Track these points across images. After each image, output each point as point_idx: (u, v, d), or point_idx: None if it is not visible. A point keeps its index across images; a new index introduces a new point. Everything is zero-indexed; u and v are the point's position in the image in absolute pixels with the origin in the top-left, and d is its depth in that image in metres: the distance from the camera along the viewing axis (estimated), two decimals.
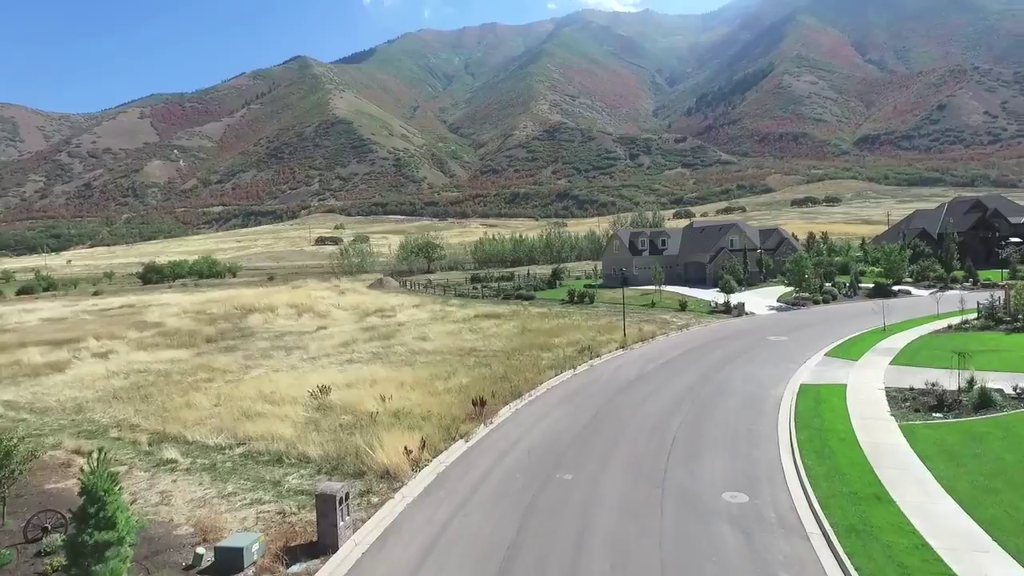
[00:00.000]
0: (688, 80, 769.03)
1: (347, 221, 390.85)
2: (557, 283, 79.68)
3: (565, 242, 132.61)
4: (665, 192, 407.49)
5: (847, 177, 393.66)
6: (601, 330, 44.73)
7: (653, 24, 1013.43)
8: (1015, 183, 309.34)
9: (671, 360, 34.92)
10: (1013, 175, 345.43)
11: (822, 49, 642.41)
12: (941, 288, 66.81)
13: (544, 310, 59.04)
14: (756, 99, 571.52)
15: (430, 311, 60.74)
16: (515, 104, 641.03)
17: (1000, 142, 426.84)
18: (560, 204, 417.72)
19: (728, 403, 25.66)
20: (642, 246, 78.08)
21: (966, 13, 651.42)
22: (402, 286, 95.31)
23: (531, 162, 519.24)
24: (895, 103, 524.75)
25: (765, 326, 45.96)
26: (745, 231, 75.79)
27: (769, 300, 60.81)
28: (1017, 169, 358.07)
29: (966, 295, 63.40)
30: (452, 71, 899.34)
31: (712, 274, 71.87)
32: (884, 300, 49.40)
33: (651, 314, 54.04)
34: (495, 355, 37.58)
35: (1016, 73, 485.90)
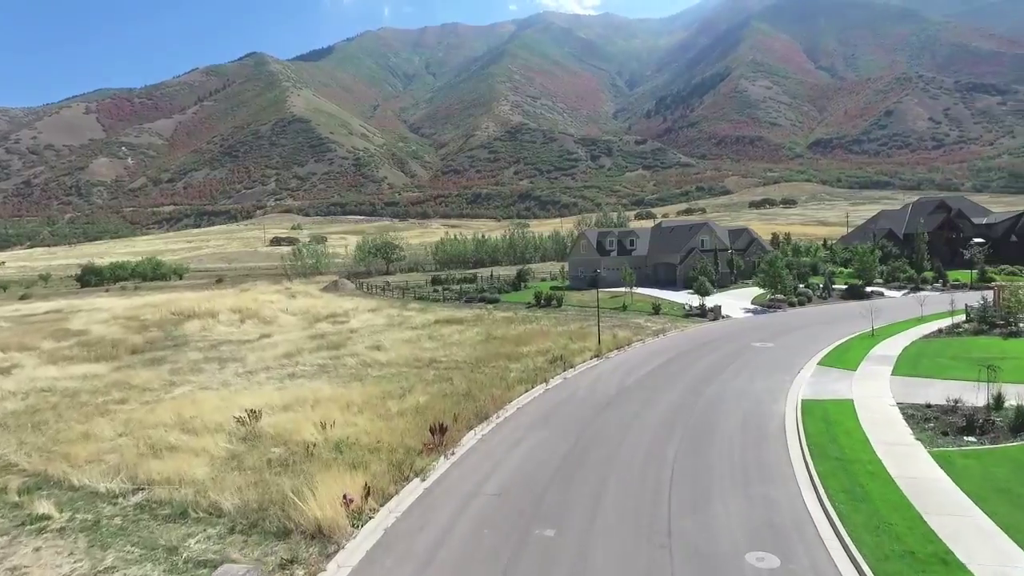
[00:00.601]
0: (647, 83, 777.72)
1: (305, 221, 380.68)
2: (522, 285, 76.12)
3: (529, 242, 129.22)
4: (626, 193, 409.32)
5: (801, 180, 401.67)
6: (573, 336, 41.21)
7: (613, 27, 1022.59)
8: (958, 186, 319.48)
9: (653, 371, 31.56)
10: (956, 179, 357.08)
11: (776, 55, 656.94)
12: (912, 289, 65.70)
13: (510, 314, 55.30)
14: (713, 103, 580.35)
15: (387, 316, 56.35)
16: (477, 104, 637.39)
17: (943, 147, 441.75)
18: (522, 205, 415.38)
19: (726, 424, 22.32)
20: (610, 246, 75.12)
21: (910, 23, 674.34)
22: (358, 288, 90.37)
23: (493, 163, 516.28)
24: (845, 108, 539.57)
25: (745, 331, 43.18)
26: (716, 231, 73.57)
27: (743, 302, 58.39)
28: (960, 173, 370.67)
29: (939, 296, 62.41)
30: (413, 71, 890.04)
31: (683, 275, 69.32)
32: (868, 302, 47.23)
33: (623, 318, 50.85)
34: (457, 367, 33.65)
35: (956, 82, 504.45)
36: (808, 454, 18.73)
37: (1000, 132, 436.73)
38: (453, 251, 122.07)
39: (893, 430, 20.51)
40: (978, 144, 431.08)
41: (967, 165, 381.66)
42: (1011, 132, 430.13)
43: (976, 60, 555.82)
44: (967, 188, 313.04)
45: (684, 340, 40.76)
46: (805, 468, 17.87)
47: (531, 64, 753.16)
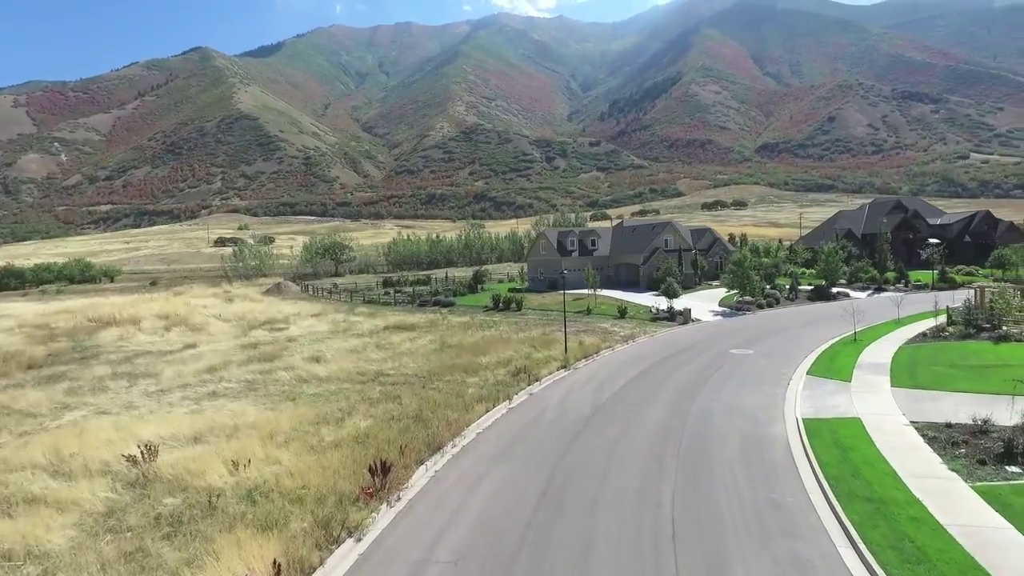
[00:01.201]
0: (601, 86, 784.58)
1: (252, 221, 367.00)
2: (479, 287, 72.16)
3: (485, 243, 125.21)
4: (581, 195, 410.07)
5: (750, 182, 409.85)
6: (536, 344, 37.54)
7: (567, 30, 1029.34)
8: (896, 190, 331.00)
9: (628, 384, 28.12)
10: (894, 183, 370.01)
11: (725, 61, 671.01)
12: (876, 289, 64.74)
13: (466, 319, 51.29)
14: (665, 106, 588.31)
15: (331, 322, 51.57)
16: (431, 104, 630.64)
17: (882, 152, 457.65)
18: (477, 205, 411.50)
19: (724, 451, 18.95)
20: (571, 247, 71.93)
21: (850, 33, 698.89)
22: (304, 291, 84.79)
23: (448, 163, 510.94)
24: (791, 114, 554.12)
25: (719, 336, 40.36)
26: (679, 231, 71.23)
27: (710, 304, 55.94)
28: (897, 177, 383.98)
29: (905, 296, 61.41)
30: (366, 69, 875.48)
31: (646, 276, 66.67)
32: (845, 303, 45.12)
33: (588, 323, 47.51)
34: (407, 382, 29.51)
35: (893, 90, 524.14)
36: (831, 493, 15.45)
37: (933, 139, 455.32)
38: (406, 252, 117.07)
39: (919, 458, 17.49)
40: (913, 150, 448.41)
41: (904, 170, 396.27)
42: (943, 139, 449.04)
43: (911, 70, 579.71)
44: (904, 192, 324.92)
45: (656, 347, 37.59)
46: (833, 514, 14.57)
47: (486, 65, 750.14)
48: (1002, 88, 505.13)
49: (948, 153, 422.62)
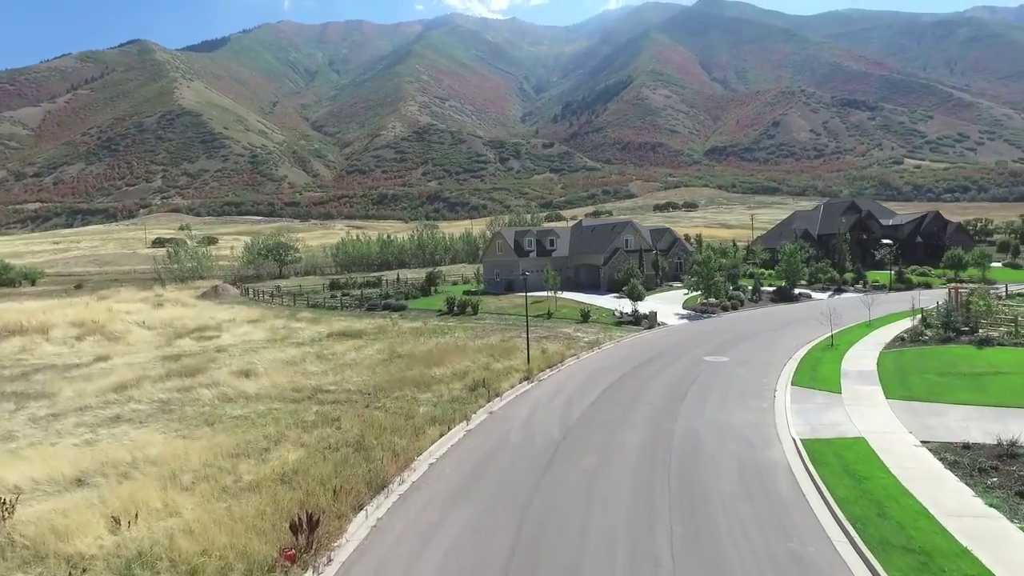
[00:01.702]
0: (554, 88, 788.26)
1: (195, 221, 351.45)
2: (432, 290, 68.45)
3: (439, 243, 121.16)
4: (535, 195, 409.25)
5: (700, 185, 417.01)
6: (495, 353, 34.31)
7: (520, 32, 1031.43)
8: (837, 193, 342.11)
9: (600, 399, 25.16)
10: (835, 186, 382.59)
11: (674, 66, 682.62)
12: (836, 290, 64.15)
13: (418, 325, 47.63)
14: (617, 109, 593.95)
15: (269, 328, 47.11)
16: (383, 104, 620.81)
17: (823, 157, 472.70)
18: (431, 206, 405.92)
19: (722, 486, 16.10)
20: (529, 247, 69.00)
21: (793, 42, 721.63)
22: (243, 295, 79.36)
23: (400, 163, 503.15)
24: (737, 119, 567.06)
25: (689, 341, 37.98)
26: (640, 230, 69.23)
27: (674, 307, 53.87)
28: (838, 181, 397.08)
29: (863, 297, 60.83)
30: (316, 67, 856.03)
31: (607, 277, 64.32)
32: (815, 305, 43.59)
33: (550, 327, 44.56)
34: (350, 399, 25.83)
35: (833, 97, 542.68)
36: (860, 542, 12.72)
37: (871, 144, 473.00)
38: (355, 253, 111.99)
39: (947, 490, 15.02)
40: (852, 155, 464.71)
41: (844, 174, 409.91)
42: (879, 145, 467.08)
43: (849, 78, 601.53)
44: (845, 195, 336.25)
45: (624, 354, 34.86)
46: (871, 572, 11.81)
47: (439, 65, 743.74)
48: (931, 98, 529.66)
49: (884, 158, 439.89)
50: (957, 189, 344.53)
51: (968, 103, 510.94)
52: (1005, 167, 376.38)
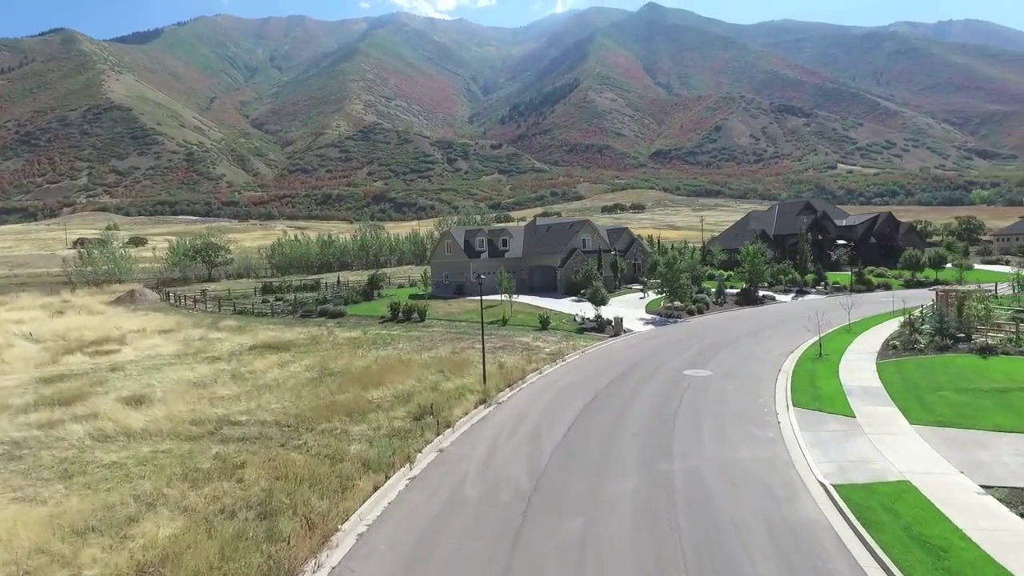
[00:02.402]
0: (501, 90, 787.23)
1: (124, 221, 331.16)
2: (375, 294, 62.82)
3: (384, 244, 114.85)
4: (483, 197, 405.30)
5: (646, 187, 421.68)
6: (445, 368, 29.51)
7: (468, 33, 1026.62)
8: (776, 196, 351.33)
9: (574, 430, 20.73)
10: (774, 189, 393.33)
11: (620, 70, 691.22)
12: (798, 292, 62.07)
13: (357, 334, 42.24)
14: (564, 111, 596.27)
15: (182, 340, 40.83)
16: (327, 102, 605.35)
17: (762, 161, 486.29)
18: (377, 207, 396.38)
19: (757, 567, 11.87)
20: (480, 247, 64.27)
21: (732, 50, 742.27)
22: (164, 300, 71.73)
23: (345, 162, 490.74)
24: (681, 123, 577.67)
25: (661, 350, 34.12)
26: (598, 230, 65.55)
27: (637, 311, 50.21)
28: (776, 184, 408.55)
29: (828, 300, 58.85)
30: (256, 63, 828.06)
31: (564, 279, 60.29)
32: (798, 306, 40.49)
33: (506, 336, 39.99)
34: (263, 435, 20.59)
35: (771, 104, 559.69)
36: None
37: (806, 149, 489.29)
38: (294, 254, 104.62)
39: None
40: (790, 159, 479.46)
41: (782, 177, 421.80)
42: (814, 150, 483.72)
43: (785, 86, 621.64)
44: (784, 198, 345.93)
45: (593, 367, 30.63)
46: None
47: (385, 64, 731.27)
48: (861, 106, 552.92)
49: (819, 163, 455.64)
50: (886, 193, 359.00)
51: (894, 112, 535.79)
52: (929, 173, 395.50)
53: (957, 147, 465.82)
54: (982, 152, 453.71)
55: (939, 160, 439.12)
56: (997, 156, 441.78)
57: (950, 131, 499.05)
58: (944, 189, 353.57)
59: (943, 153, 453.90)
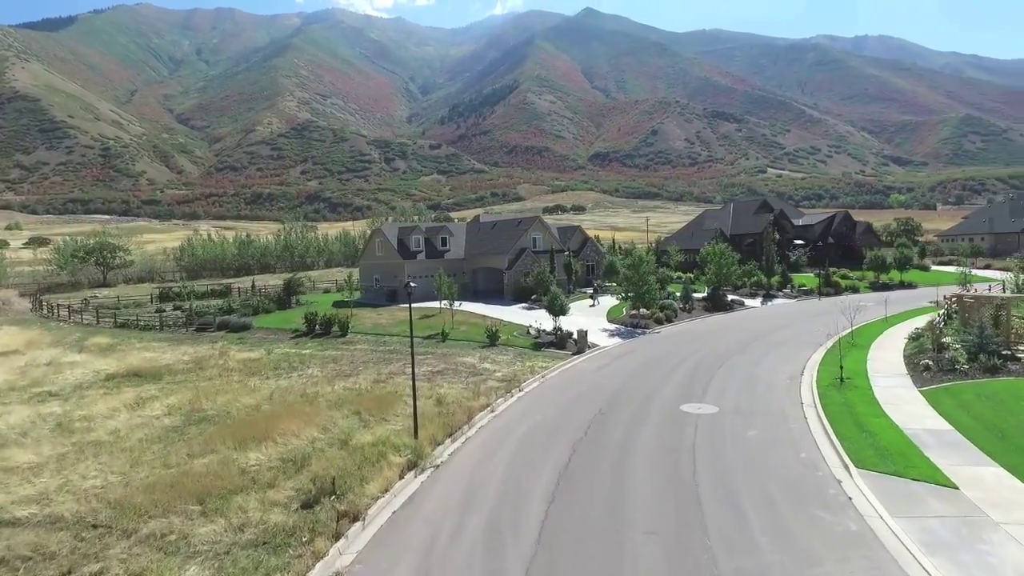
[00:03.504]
0: (441, 90, 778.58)
1: (30, 220, 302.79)
2: (293, 301, 53.79)
3: (311, 244, 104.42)
4: (422, 197, 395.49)
5: (586, 189, 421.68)
6: (364, 406, 21.66)
7: (406, 32, 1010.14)
8: (711, 199, 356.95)
9: (549, 527, 13.40)
10: (709, 192, 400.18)
11: (558, 73, 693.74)
12: (766, 296, 57.14)
13: (258, 355, 33.65)
14: (504, 113, 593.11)
15: (22, 366, 31.19)
16: (258, 98, 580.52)
17: (697, 165, 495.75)
18: (311, 206, 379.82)
19: None
20: (417, 246, 56.19)
21: (666, 57, 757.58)
22: (36, 308, 60.25)
23: (277, 160, 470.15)
24: (619, 126, 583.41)
25: (640, 374, 27.29)
26: (549, 228, 58.68)
27: (597, 319, 43.55)
28: (711, 187, 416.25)
29: (795, 305, 54.08)
30: (181, 55, 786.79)
31: (513, 284, 53.08)
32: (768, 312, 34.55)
33: (446, 355, 32.33)
34: (40, 551, 12.35)
35: (705, 109, 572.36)
36: None
37: (738, 154, 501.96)
38: (207, 255, 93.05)
39: None
40: (723, 163, 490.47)
41: (716, 181, 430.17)
42: (746, 155, 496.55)
43: (717, 92, 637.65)
44: (718, 201, 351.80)
45: (560, 402, 23.43)
46: None
47: (320, 61, 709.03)
48: (788, 113, 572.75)
49: (750, 167, 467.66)
50: (813, 196, 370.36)
51: (817, 120, 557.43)
52: (851, 178, 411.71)
53: (875, 154, 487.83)
54: (897, 159, 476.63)
55: (859, 166, 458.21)
56: (910, 163, 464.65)
57: (868, 139, 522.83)
58: (865, 193, 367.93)
59: (862, 159, 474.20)
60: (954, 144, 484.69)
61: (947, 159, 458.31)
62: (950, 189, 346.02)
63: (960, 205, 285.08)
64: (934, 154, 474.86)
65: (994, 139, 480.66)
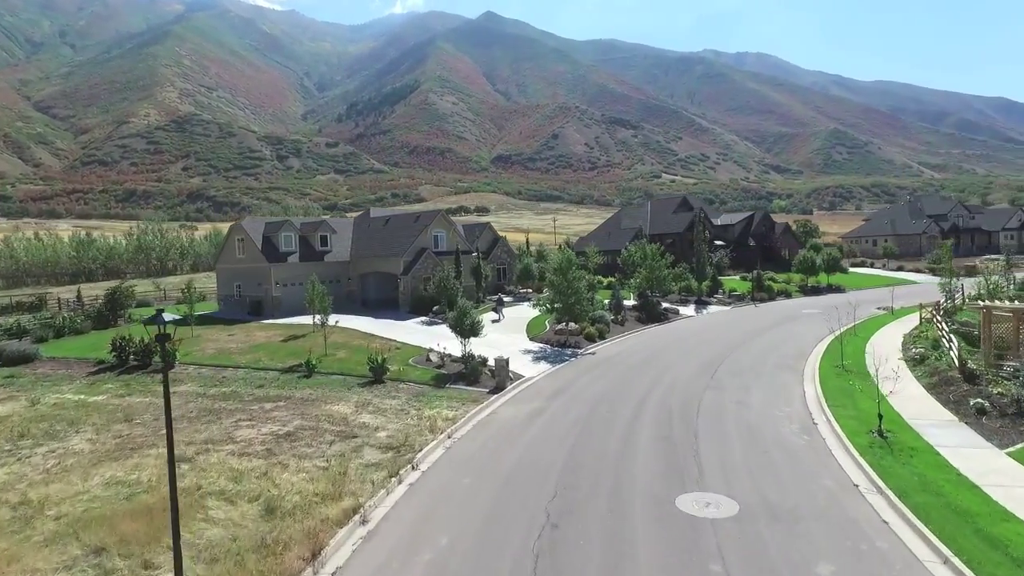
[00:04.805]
0: (338, 88, 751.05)
1: None
2: (116, 319, 41.15)
3: (171, 245, 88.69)
4: (318, 197, 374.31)
5: (489, 191, 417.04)
6: (123, 529, 11.68)
7: (301, 26, 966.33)
8: (611, 202, 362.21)
9: None
10: (608, 195, 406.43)
11: (460, 74, 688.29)
12: (698, 303, 50.95)
13: (11, 409, 22.09)
14: (405, 112, 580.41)
15: None
16: (133, 88, 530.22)
17: (596, 169, 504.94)
18: (192, 205, 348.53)
19: None
20: (288, 246, 45.06)
21: (565, 63, 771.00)
22: None
23: (155, 155, 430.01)
24: (521, 129, 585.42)
25: (591, 430, 18.73)
26: (454, 225, 49.35)
27: (515, 336, 34.88)
28: (611, 191, 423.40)
29: (732, 312, 48.19)
30: (41, 37, 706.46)
31: (410, 292, 43.37)
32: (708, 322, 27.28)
33: (309, 399, 22.32)
34: None
35: (603, 115, 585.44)
36: None
37: (634, 159, 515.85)
38: (33, 258, 75.92)
39: None
40: (620, 168, 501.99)
41: (615, 185, 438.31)
42: (642, 160, 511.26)
43: (614, 99, 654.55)
44: (617, 204, 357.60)
45: (480, 502, 14.39)
46: None
47: (205, 51, 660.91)
48: (679, 122, 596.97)
49: (646, 172, 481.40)
50: (705, 201, 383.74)
51: (706, 128, 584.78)
52: (738, 184, 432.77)
53: (757, 162, 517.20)
54: (776, 167, 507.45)
55: (744, 173, 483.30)
56: (788, 171, 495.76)
57: (751, 148, 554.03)
58: (751, 198, 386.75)
59: (747, 167, 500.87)
60: (824, 155, 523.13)
61: (819, 168, 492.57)
62: (823, 196, 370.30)
63: (833, 211, 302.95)
64: (808, 163, 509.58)
65: (858, 151, 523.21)
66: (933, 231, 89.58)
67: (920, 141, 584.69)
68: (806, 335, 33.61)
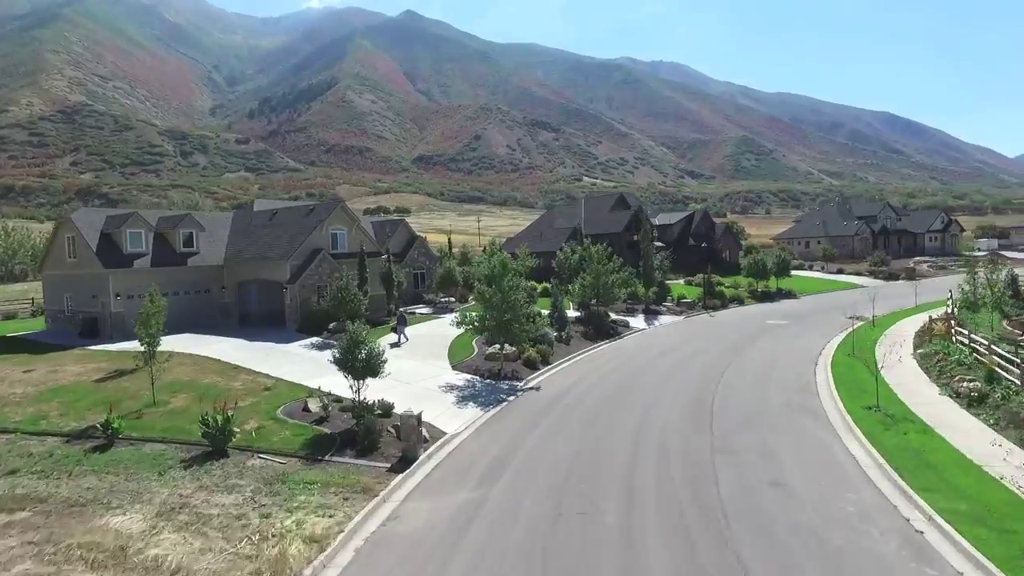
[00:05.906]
0: (250, 82, 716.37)
1: None
2: None
3: (22, 245, 73.76)
4: (226, 196, 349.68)
5: (410, 191, 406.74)
6: None
7: (209, 17, 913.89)
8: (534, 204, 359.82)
9: None
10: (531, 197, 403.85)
11: (380, 73, 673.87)
12: (649, 313, 44.37)
13: None
14: (321, 110, 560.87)
15: None
16: (14, 74, 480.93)
17: (519, 171, 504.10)
18: (82, 203, 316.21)
19: None
20: (136, 246, 34.56)
21: (487, 65, 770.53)
22: None
23: (38, 148, 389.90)
24: (443, 130, 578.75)
25: (560, 543, 11.08)
26: (359, 221, 40.24)
27: (435, 365, 26.63)
28: (533, 193, 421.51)
29: (685, 323, 41.84)
30: None
31: (299, 305, 34.06)
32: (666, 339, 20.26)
33: (70, 504, 13.25)
34: None
35: (524, 117, 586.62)
36: None
37: (556, 162, 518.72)
38: None
39: None
40: (542, 170, 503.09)
41: (537, 187, 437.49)
42: (563, 163, 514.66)
43: (536, 103, 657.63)
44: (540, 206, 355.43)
45: None
46: None
47: (99, 37, 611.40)
48: (599, 126, 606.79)
49: (568, 175, 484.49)
50: None
51: (624, 133, 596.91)
52: (655, 188, 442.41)
53: (673, 167, 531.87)
54: (691, 172, 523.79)
55: (661, 177, 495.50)
56: (702, 176, 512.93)
57: (667, 153, 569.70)
58: (668, 202, 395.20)
59: (663, 171, 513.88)
60: (734, 161, 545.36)
61: (730, 174, 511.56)
62: (736, 200, 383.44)
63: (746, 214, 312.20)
64: (719, 169, 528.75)
65: (765, 158, 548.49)
66: (864, 232, 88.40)
67: (818, 150, 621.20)
68: (790, 355, 27.33)
